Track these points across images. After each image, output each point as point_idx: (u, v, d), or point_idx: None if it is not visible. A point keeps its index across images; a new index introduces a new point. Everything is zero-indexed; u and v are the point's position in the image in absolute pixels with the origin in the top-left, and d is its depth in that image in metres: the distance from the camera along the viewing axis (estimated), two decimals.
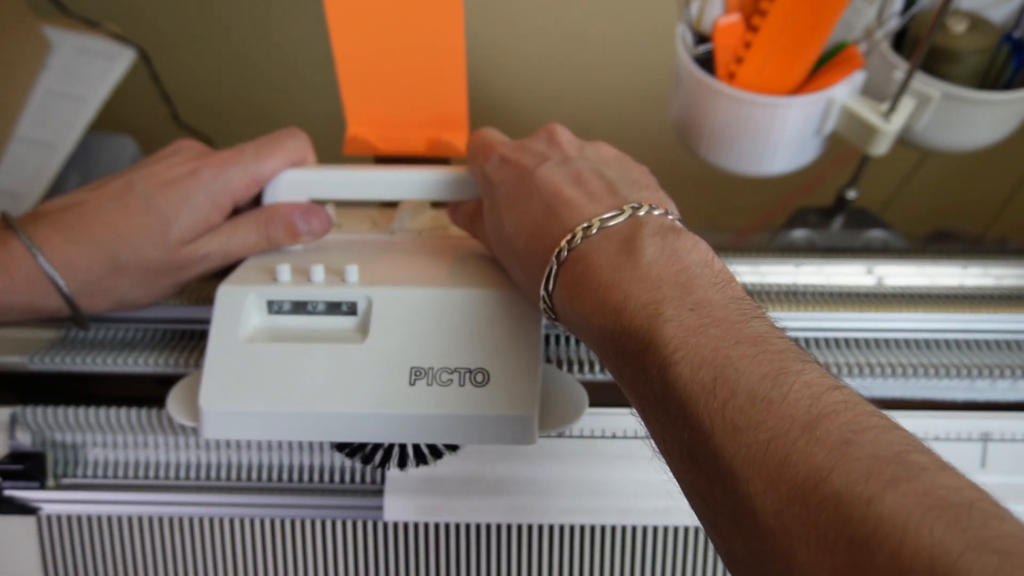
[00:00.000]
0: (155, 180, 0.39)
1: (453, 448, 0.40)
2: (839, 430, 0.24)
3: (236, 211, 0.42)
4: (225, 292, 0.38)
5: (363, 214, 0.48)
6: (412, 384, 0.36)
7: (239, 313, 0.38)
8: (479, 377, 0.36)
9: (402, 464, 0.39)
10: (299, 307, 0.39)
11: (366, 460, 0.40)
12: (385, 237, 0.46)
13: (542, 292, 0.33)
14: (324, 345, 0.37)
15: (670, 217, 0.33)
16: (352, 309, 0.38)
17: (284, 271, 0.39)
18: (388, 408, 0.36)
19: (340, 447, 0.40)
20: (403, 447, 0.39)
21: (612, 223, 0.32)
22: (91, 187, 0.40)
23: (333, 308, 0.38)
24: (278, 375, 0.36)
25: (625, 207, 0.32)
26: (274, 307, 0.39)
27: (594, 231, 0.32)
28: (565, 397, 0.38)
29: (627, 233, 0.31)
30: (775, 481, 0.23)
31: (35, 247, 0.37)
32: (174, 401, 0.39)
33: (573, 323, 0.32)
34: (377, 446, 0.39)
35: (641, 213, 0.32)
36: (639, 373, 0.28)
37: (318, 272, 0.39)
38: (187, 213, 0.39)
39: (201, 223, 0.39)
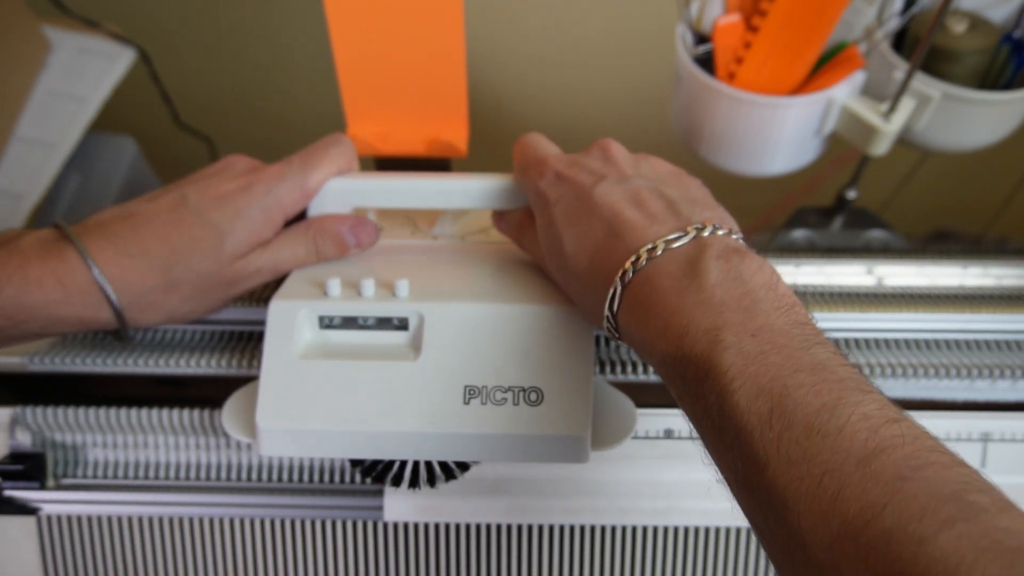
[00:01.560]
0: (208, 194, 0.39)
1: (465, 467, 0.40)
2: (895, 466, 0.23)
3: (285, 224, 0.42)
4: (278, 307, 0.38)
5: (403, 217, 0.48)
6: (466, 403, 0.36)
7: (292, 329, 0.38)
8: (533, 396, 0.36)
9: (414, 484, 0.39)
10: (350, 322, 0.39)
11: (378, 478, 0.39)
12: (428, 242, 0.46)
13: (606, 313, 0.33)
14: (378, 363, 0.37)
15: (734, 236, 0.32)
16: (403, 324, 0.38)
17: (334, 286, 0.39)
18: (443, 428, 0.36)
19: (354, 463, 0.40)
20: (416, 465, 0.39)
21: (676, 245, 0.31)
22: (144, 199, 0.39)
23: (384, 323, 0.38)
24: (333, 392, 0.36)
25: (689, 228, 0.32)
26: (325, 322, 0.39)
27: (659, 252, 0.31)
28: (615, 414, 0.38)
29: (691, 255, 0.31)
30: (827, 516, 0.23)
31: (90, 258, 0.36)
32: (229, 417, 0.38)
33: (637, 344, 0.32)
34: (390, 464, 0.39)
35: (705, 234, 0.32)
36: (699, 400, 0.28)
37: (368, 287, 0.39)
38: (241, 227, 0.38)
39: (254, 237, 0.39)
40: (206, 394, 0.45)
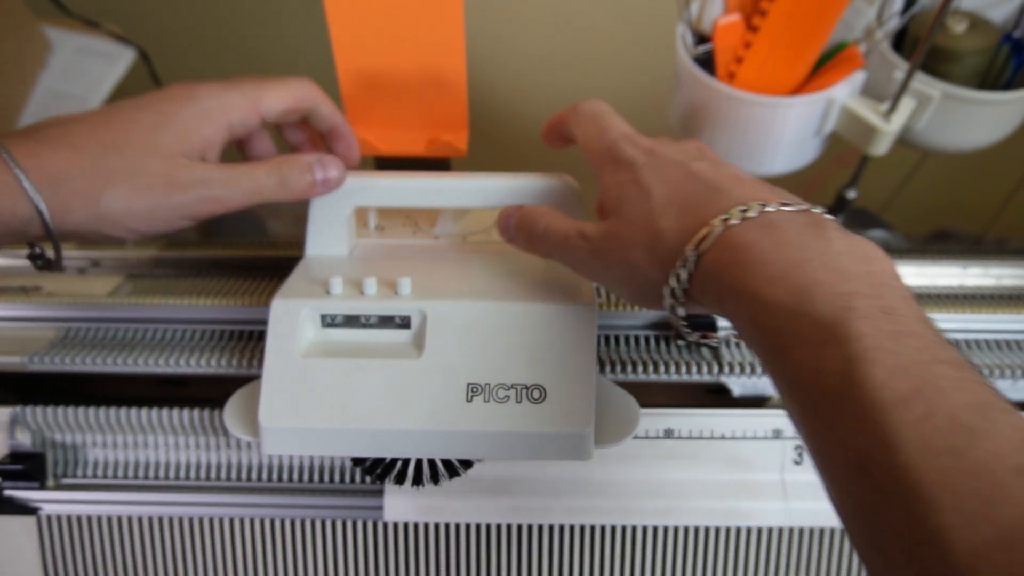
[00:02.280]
0: (144, 99, 0.37)
1: (468, 465, 0.40)
2: None
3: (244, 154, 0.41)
4: (280, 306, 0.38)
5: (404, 216, 0.48)
6: (469, 400, 0.36)
7: (294, 327, 0.38)
8: (536, 394, 0.36)
9: (417, 482, 0.39)
10: (352, 320, 0.39)
11: (380, 477, 0.40)
12: (429, 242, 0.46)
13: (689, 253, 0.31)
14: (381, 361, 0.37)
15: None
16: (406, 323, 0.38)
17: (337, 284, 0.39)
18: (447, 425, 0.36)
19: (356, 461, 0.40)
20: (419, 463, 0.39)
21: (788, 209, 0.30)
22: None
23: (386, 321, 0.38)
24: (335, 391, 0.36)
25: (794, 199, 0.31)
26: (327, 320, 0.39)
27: (770, 208, 0.30)
28: (618, 411, 0.38)
29: (811, 220, 0.30)
30: (976, 518, 0.21)
31: (1, 145, 0.33)
32: (231, 416, 0.38)
33: (724, 290, 0.30)
34: (392, 462, 0.39)
35: (815, 210, 0.31)
36: (812, 362, 0.26)
37: (370, 285, 0.39)
38: (178, 121, 0.36)
39: (191, 132, 0.37)
40: (206, 394, 0.45)
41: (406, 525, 0.41)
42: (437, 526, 0.41)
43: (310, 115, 0.41)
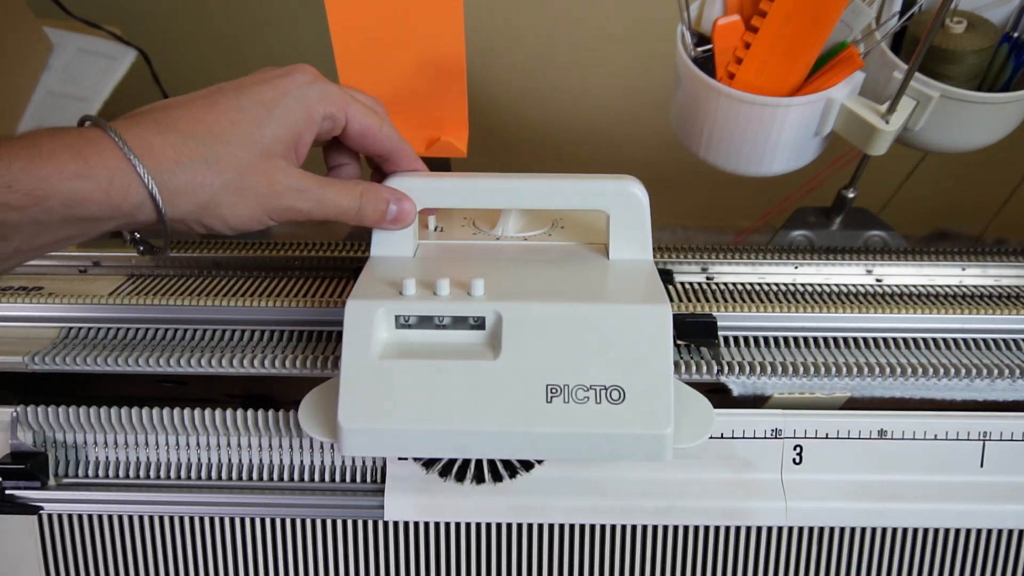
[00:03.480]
0: (246, 82, 0.38)
1: (529, 466, 0.40)
2: None
3: (328, 151, 0.42)
4: (354, 307, 0.38)
5: (460, 216, 0.48)
6: (549, 401, 0.36)
7: (370, 328, 0.38)
8: (615, 394, 0.36)
9: (479, 479, 0.40)
10: (426, 321, 0.39)
11: (442, 473, 0.41)
12: (492, 243, 0.46)
13: None
14: (459, 362, 0.37)
15: None
16: (480, 324, 0.38)
17: (410, 285, 0.39)
18: (527, 426, 0.36)
19: (428, 464, 0.41)
20: (479, 462, 0.40)
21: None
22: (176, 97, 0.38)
23: (460, 322, 0.39)
24: (414, 392, 0.37)
25: None
26: (401, 321, 0.39)
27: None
28: (693, 410, 0.39)
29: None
30: None
31: (111, 129, 0.34)
32: (307, 417, 0.39)
33: None
34: (452, 460, 0.40)
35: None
36: None
37: (443, 286, 0.39)
38: (279, 114, 0.37)
39: (292, 129, 0.38)
40: (206, 394, 0.45)
41: (406, 525, 0.41)
42: (437, 525, 0.41)
43: (378, 130, 0.41)
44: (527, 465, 0.41)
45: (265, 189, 0.37)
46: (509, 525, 0.41)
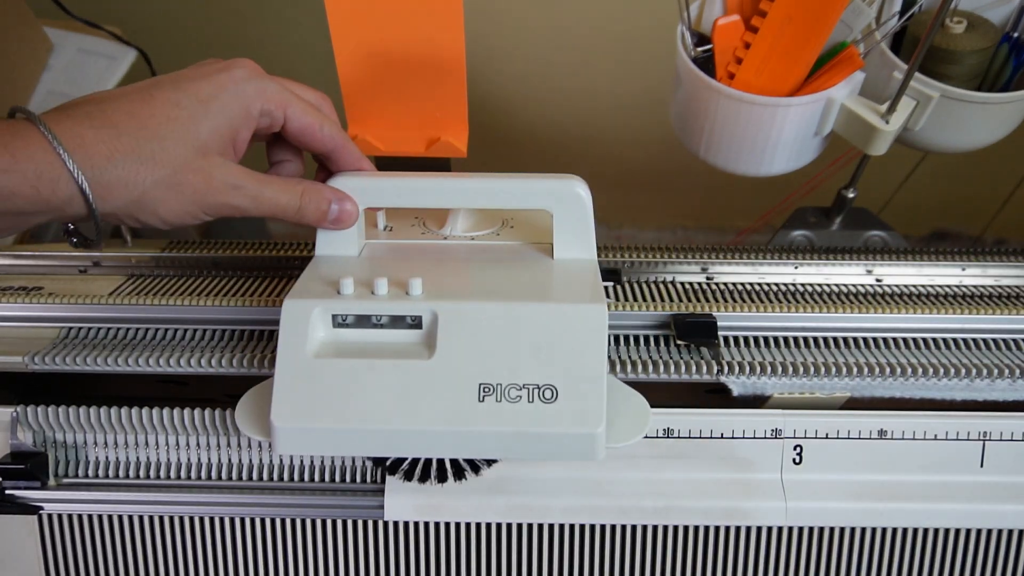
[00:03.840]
0: (184, 76, 0.37)
1: (477, 469, 0.40)
2: None
3: (270, 148, 0.41)
4: (291, 306, 0.38)
5: (412, 216, 0.48)
6: (481, 400, 0.36)
7: (305, 327, 0.38)
8: (547, 393, 0.36)
9: (441, 478, 0.40)
10: (363, 320, 0.39)
11: (390, 470, 0.40)
12: (439, 242, 0.46)
13: None
14: (392, 361, 0.37)
15: None
16: (417, 323, 0.38)
17: (348, 284, 0.39)
18: (459, 425, 0.36)
19: (377, 461, 0.41)
20: (440, 462, 0.40)
21: None
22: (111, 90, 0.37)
23: (397, 321, 0.39)
24: (348, 391, 0.37)
25: None
26: (338, 320, 0.39)
27: None
28: (627, 411, 0.39)
29: None
30: None
31: (42, 123, 0.33)
32: (243, 416, 0.39)
33: None
34: (415, 461, 0.40)
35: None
36: None
37: (382, 285, 0.39)
38: (216, 110, 0.37)
39: (229, 125, 0.37)
40: (206, 394, 0.45)
41: (406, 524, 0.41)
42: (437, 525, 0.41)
43: (317, 129, 0.41)
44: (474, 468, 0.40)
45: (201, 185, 0.37)
46: (509, 525, 0.41)
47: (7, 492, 0.42)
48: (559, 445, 0.36)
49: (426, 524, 0.41)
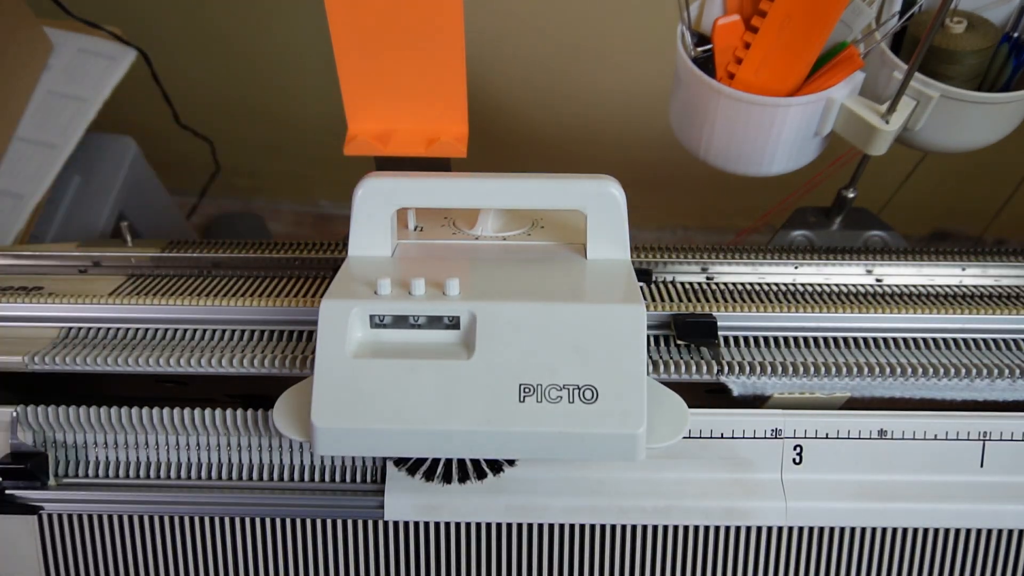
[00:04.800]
0: None
1: (512, 462, 0.40)
2: None
3: None
4: (329, 307, 0.38)
5: (441, 216, 0.48)
6: (522, 401, 0.36)
7: (344, 328, 0.38)
8: (588, 394, 0.36)
9: (463, 479, 0.40)
10: (400, 320, 0.39)
11: (411, 471, 0.40)
12: (470, 242, 0.46)
13: None
14: (432, 361, 0.37)
15: None
16: (455, 323, 0.38)
17: (385, 284, 0.39)
18: (500, 426, 0.36)
19: (398, 462, 0.41)
20: (461, 461, 0.40)
21: None
22: None
23: (435, 322, 0.39)
24: (388, 392, 0.37)
25: None
26: (375, 320, 0.39)
27: None
28: (667, 411, 0.39)
29: None
30: None
31: None
32: (281, 416, 0.39)
33: None
34: (436, 461, 0.40)
35: None
36: None
37: (419, 286, 0.39)
38: None
39: None
40: (207, 394, 0.45)
41: (406, 525, 0.42)
42: (437, 525, 0.41)
43: None
44: (510, 460, 0.40)
45: None
46: (509, 525, 0.41)
47: (7, 492, 0.42)
48: (600, 446, 0.36)
49: (426, 524, 0.41)
